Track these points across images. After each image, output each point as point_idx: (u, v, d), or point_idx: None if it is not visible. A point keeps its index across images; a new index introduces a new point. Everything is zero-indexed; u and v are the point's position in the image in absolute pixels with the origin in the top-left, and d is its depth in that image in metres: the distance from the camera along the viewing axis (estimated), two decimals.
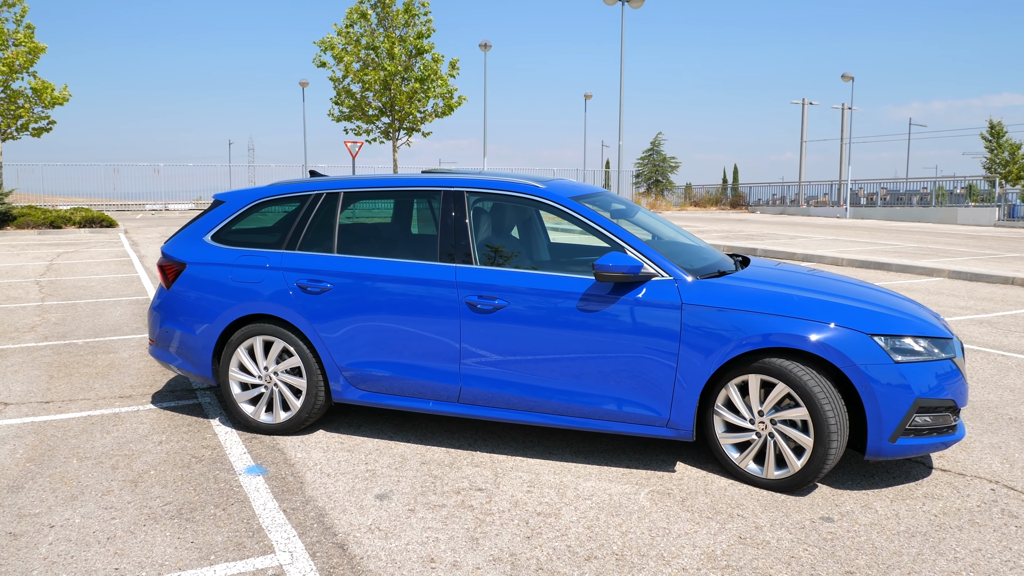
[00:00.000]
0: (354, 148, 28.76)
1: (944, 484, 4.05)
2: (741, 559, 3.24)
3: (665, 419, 4.03)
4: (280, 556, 3.26)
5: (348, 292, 4.48)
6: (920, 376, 3.79)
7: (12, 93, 24.59)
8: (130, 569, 3.15)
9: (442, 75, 28.29)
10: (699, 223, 29.27)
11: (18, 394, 5.62)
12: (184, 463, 4.30)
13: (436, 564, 3.19)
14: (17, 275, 12.35)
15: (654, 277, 4.06)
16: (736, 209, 44.74)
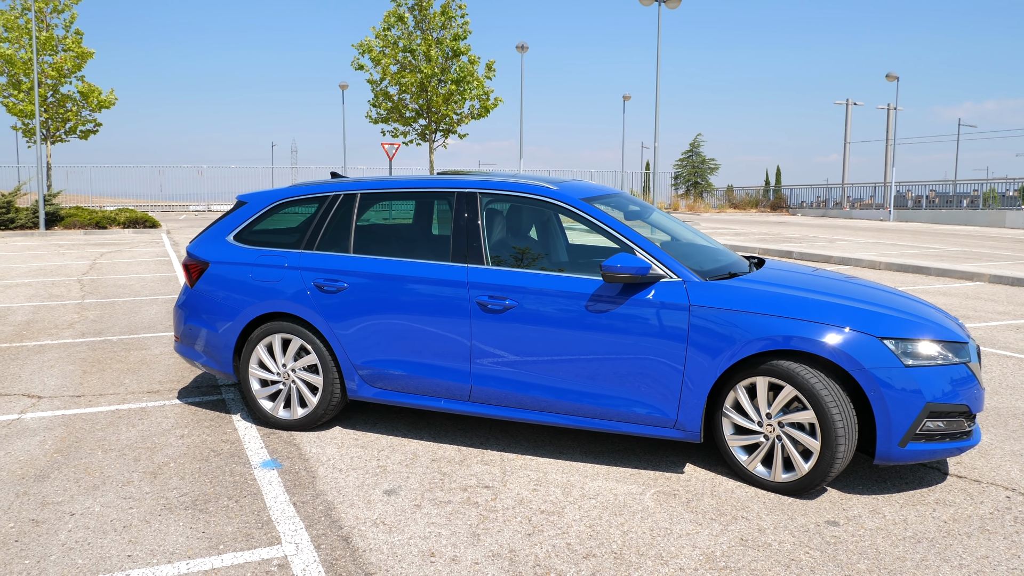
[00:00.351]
0: (391, 150, 29.07)
1: (958, 490, 3.99)
2: (740, 561, 3.23)
3: (673, 420, 4.03)
4: (286, 547, 3.34)
5: (363, 291, 4.57)
6: (932, 380, 3.74)
7: (61, 97, 25.35)
8: (142, 556, 3.26)
9: (478, 77, 28.44)
10: (737, 225, 28.96)
11: (52, 388, 5.82)
12: (203, 456, 4.42)
13: (436, 558, 3.25)
14: (61, 274, 12.75)
15: (663, 278, 4.07)
16: (777, 211, 44.16)
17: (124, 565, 3.19)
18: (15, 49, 24.45)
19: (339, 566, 3.19)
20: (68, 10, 25.15)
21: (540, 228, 4.84)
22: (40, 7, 24.77)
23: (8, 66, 24.40)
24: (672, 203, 46.90)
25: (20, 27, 24.39)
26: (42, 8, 24.87)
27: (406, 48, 27.84)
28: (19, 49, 24.44)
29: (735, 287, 4.04)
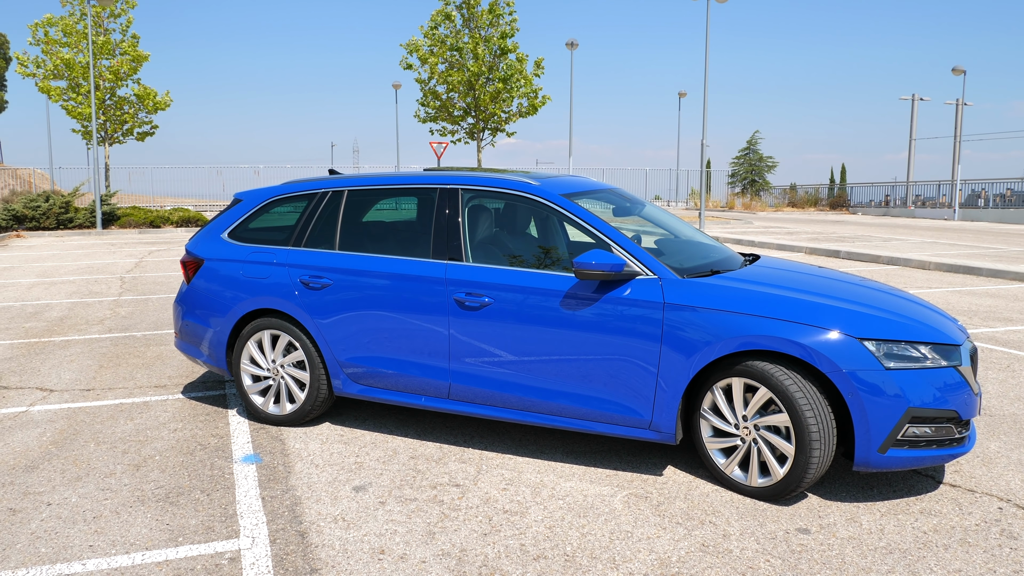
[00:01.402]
0: (439, 149, 29.27)
1: (947, 500, 3.80)
2: (695, 567, 3.13)
3: (647, 421, 3.94)
4: (243, 541, 3.37)
5: (346, 288, 4.59)
6: (915, 384, 3.56)
7: (118, 100, 26.25)
8: (102, 547, 3.33)
9: (527, 75, 28.41)
10: (791, 224, 28.27)
11: (66, 381, 6.01)
12: (189, 450, 4.50)
13: (385, 555, 3.23)
14: (106, 271, 13.18)
15: (639, 276, 3.98)
16: (836, 210, 42.96)
17: (83, 555, 3.26)
18: (74, 54, 25.44)
19: (288, 561, 3.20)
20: (124, 14, 26.05)
21: (522, 225, 4.78)
22: (97, 12, 25.71)
23: (68, 70, 25.40)
24: (728, 201, 46.06)
25: (78, 32, 25.36)
26: (99, 13, 25.80)
27: (453, 47, 27.99)
28: (78, 54, 25.42)
29: (712, 285, 3.92)
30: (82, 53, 25.27)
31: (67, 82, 25.78)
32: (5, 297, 10.34)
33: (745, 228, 24.72)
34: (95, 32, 25.67)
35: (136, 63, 26.14)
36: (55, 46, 25.46)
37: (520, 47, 28.16)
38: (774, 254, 16.44)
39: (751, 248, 18.07)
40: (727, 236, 20.02)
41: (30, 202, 21.85)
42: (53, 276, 12.58)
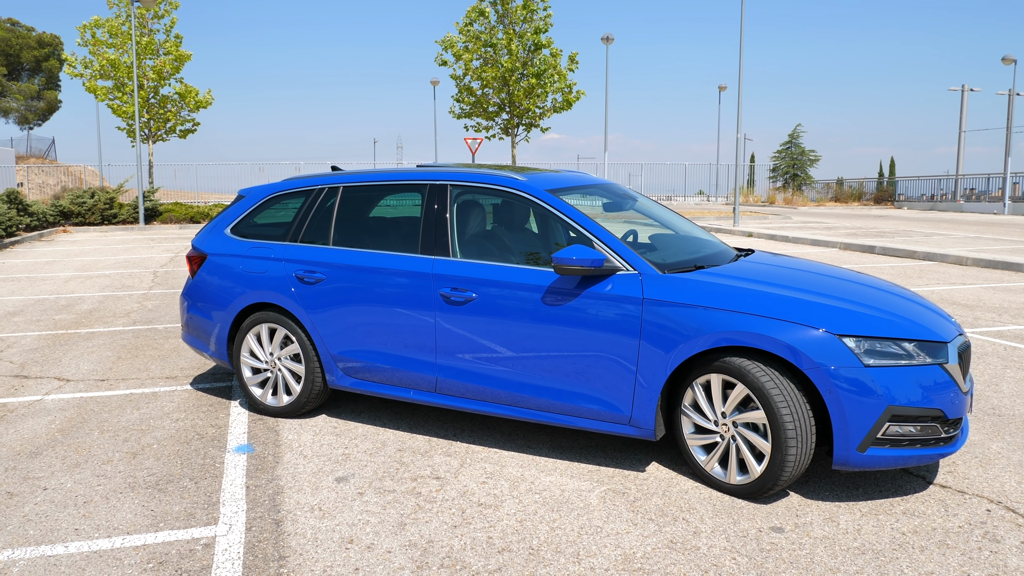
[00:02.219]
0: (474, 145, 29.35)
1: (934, 500, 3.72)
2: (658, 563, 3.12)
3: (627, 417, 3.93)
4: (220, 528, 3.46)
5: (338, 283, 4.65)
6: (896, 382, 3.49)
7: (161, 98, 26.88)
8: (86, 530, 3.45)
9: (561, 70, 28.33)
10: (832, 219, 27.73)
11: (82, 372, 6.21)
12: (186, 439, 4.62)
13: (353, 545, 3.28)
14: (141, 266, 13.54)
15: (619, 271, 3.96)
16: (881, 204, 42.00)
17: (67, 538, 3.38)
18: (119, 54, 26.14)
19: (259, 548, 3.27)
20: (168, 15, 26.67)
21: (510, 220, 4.79)
22: (142, 13, 26.37)
23: (113, 70, 26.10)
24: (769, 196, 45.35)
25: (124, 33, 26.04)
26: (144, 15, 26.46)
27: (487, 42, 28.03)
28: (123, 54, 26.11)
29: (692, 281, 3.88)
30: (127, 53, 25.93)
31: (113, 82, 26.51)
32: (42, 290, 10.69)
33: (782, 223, 24.32)
34: (140, 33, 26.32)
35: (179, 62, 26.76)
36: (101, 47, 26.18)
37: (554, 42, 28.09)
38: (808, 250, 16.16)
39: (783, 244, 17.79)
40: (760, 231, 19.73)
41: (76, 198, 22.52)
42: (90, 270, 12.96)
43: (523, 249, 4.49)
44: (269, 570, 3.09)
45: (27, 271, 12.89)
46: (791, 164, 45.55)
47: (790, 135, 46.13)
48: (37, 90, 45.29)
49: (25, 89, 44.45)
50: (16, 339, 7.47)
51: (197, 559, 3.19)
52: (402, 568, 3.10)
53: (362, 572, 3.07)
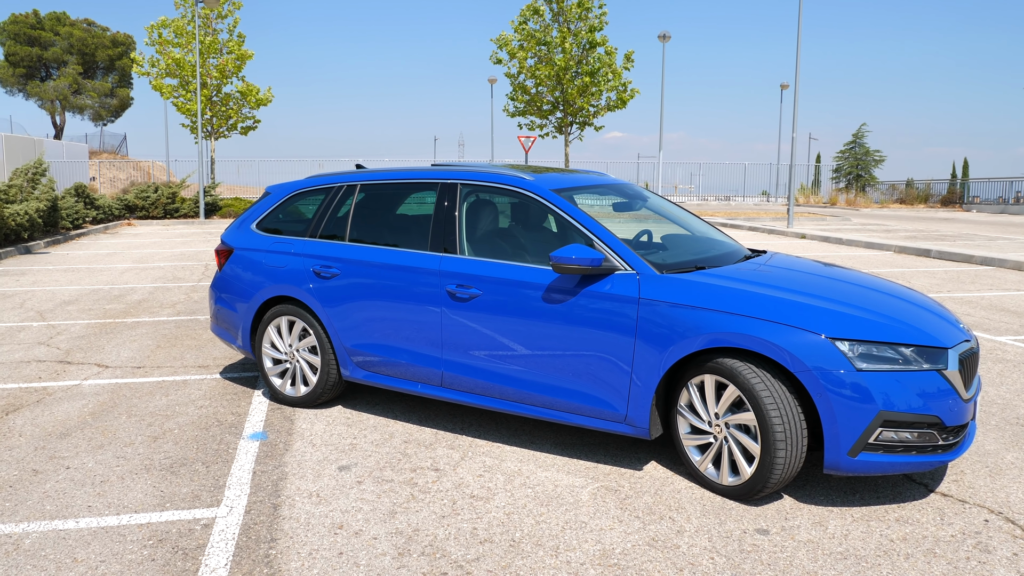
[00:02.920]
0: (527, 143, 29.45)
1: (932, 508, 3.65)
2: (634, 560, 3.16)
3: (623, 415, 3.96)
4: (221, 510, 3.62)
5: (352, 278, 4.80)
6: (890, 387, 3.45)
7: (224, 96, 27.71)
8: (99, 508, 3.65)
9: (616, 68, 28.20)
10: (892, 222, 26.95)
11: (122, 359, 6.51)
12: (206, 425, 4.83)
13: (342, 531, 3.41)
14: (195, 259, 14.02)
15: (617, 270, 4.00)
16: (949, 207, 40.59)
17: (79, 513, 3.59)
18: (184, 53, 27.05)
19: (254, 530, 3.42)
20: (231, 15, 27.50)
21: (516, 219, 4.85)
22: (206, 13, 27.23)
23: (178, 69, 27.03)
24: (831, 198, 44.26)
25: (189, 33, 26.93)
26: (208, 15, 27.32)
27: (541, 41, 28.08)
28: (187, 53, 27.01)
29: (689, 281, 3.89)
30: (191, 52, 26.82)
31: (178, 80, 27.46)
32: (99, 281, 11.19)
33: (840, 225, 23.76)
34: (204, 32, 27.19)
35: (240, 61, 27.56)
36: (167, 46, 27.14)
37: (609, 40, 27.96)
38: (860, 253, 15.78)
39: (836, 246, 17.40)
40: (814, 233, 19.34)
41: (140, 192, 23.39)
42: (147, 262, 13.49)
43: (528, 248, 4.55)
44: (259, 551, 3.24)
45: (88, 262, 13.49)
46: (854, 164, 44.34)
47: (854, 135, 44.93)
48: (110, 88, 47.10)
49: (99, 87, 46.29)
50: (67, 327, 7.85)
51: (194, 538, 3.35)
52: (384, 554, 3.20)
53: (345, 556, 3.19)
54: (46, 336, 7.41)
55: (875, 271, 12.55)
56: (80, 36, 45.80)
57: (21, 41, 44.94)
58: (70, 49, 45.59)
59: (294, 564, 3.13)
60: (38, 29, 45.32)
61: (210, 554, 3.21)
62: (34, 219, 15.49)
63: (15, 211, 14.73)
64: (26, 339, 7.28)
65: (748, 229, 22.31)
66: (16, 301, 9.41)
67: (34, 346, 6.98)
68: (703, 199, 44.22)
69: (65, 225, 18.21)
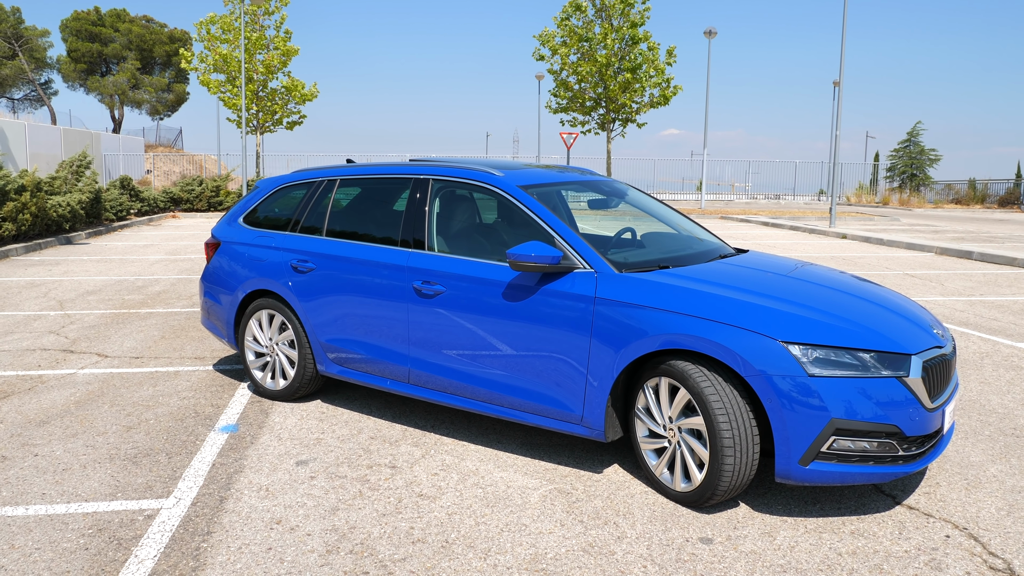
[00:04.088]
0: (569, 140, 29.28)
1: (893, 522, 3.49)
2: (564, 565, 3.09)
3: (579, 416, 3.88)
4: (168, 501, 3.66)
5: (326, 272, 4.80)
6: (844, 394, 3.30)
7: (270, 92, 28.18)
8: (52, 495, 3.72)
9: (659, 64, 27.84)
10: (943, 223, 26.05)
11: (123, 349, 6.64)
12: (182, 416, 4.89)
13: (278, 526, 3.40)
14: None
15: (576, 269, 3.91)
16: (1007, 208, 39.03)
17: (32, 501, 3.66)
18: (231, 49, 27.57)
19: (193, 523, 3.44)
20: (278, 12, 27.93)
21: (485, 215, 4.79)
22: (254, 10, 27.71)
23: (225, 65, 27.57)
24: (883, 197, 43.02)
25: (236, 29, 27.43)
26: (255, 11, 27.80)
27: (583, 37, 27.88)
28: (235, 49, 27.52)
29: (646, 281, 3.79)
30: (239, 48, 27.33)
31: (225, 75, 28.01)
32: (127, 271, 11.47)
33: (887, 226, 23.06)
34: (251, 29, 27.69)
35: (286, 57, 27.99)
36: (215, 42, 27.71)
37: (652, 36, 27.62)
38: (900, 253, 15.28)
39: (876, 247, 16.89)
40: (855, 233, 18.80)
41: (186, 185, 23.95)
42: (179, 254, 13.79)
43: (493, 244, 4.48)
44: (192, 544, 3.25)
45: (122, 253, 13.85)
46: (908, 163, 42.95)
47: (909, 133, 43.48)
48: (167, 83, 48.34)
49: (156, 82, 47.54)
50: (81, 316, 8.06)
51: (134, 528, 3.39)
52: (312, 551, 3.19)
53: (273, 552, 3.18)
54: (58, 325, 7.61)
55: (909, 272, 12.15)
56: (139, 32, 47.08)
57: (83, 37, 46.41)
58: (129, 45, 46.90)
59: (220, 558, 3.13)
60: (99, 26, 46.74)
61: (144, 545, 3.24)
62: (76, 211, 15.96)
63: (57, 202, 15.20)
64: (39, 328, 7.49)
65: (789, 228, 21.81)
66: (42, 290, 9.70)
67: (44, 335, 7.18)
68: (752, 198, 43.41)
69: (109, 217, 18.73)
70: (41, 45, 46.12)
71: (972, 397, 5.44)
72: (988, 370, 6.18)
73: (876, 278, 11.47)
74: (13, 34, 44.62)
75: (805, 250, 15.59)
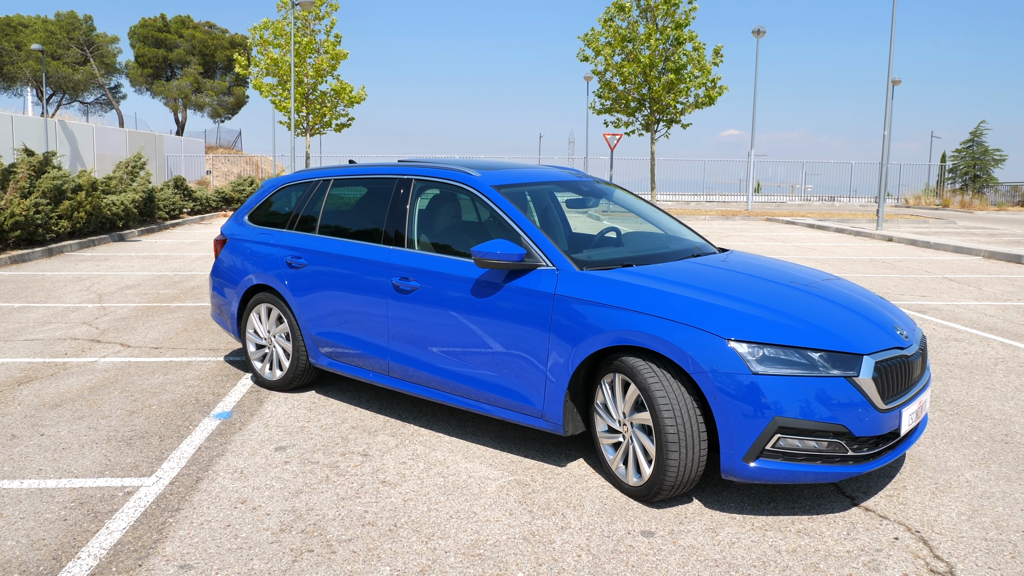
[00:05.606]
0: (612, 140, 29.21)
1: (844, 522, 3.50)
2: (499, 552, 3.20)
3: (540, 410, 3.98)
4: (149, 480, 3.89)
5: (317, 268, 5.00)
6: (788, 392, 3.33)
7: (319, 95, 28.85)
8: (47, 471, 3.99)
9: (705, 64, 27.57)
10: (1002, 225, 25.15)
11: (146, 340, 6.98)
12: (182, 403, 5.15)
13: (243, 506, 3.60)
14: None
15: (539, 266, 4.02)
16: None
17: (28, 475, 3.94)
18: (283, 53, 28.33)
19: (166, 500, 3.66)
20: (328, 17, 28.59)
21: (463, 214, 4.90)
22: (305, 15, 28.42)
23: (276, 68, 28.34)
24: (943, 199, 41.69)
25: (288, 34, 28.17)
26: (306, 17, 28.51)
27: (627, 37, 27.78)
28: (286, 53, 28.27)
29: (603, 278, 3.87)
30: (289, 53, 28.09)
31: (276, 79, 28.80)
32: (169, 267, 11.95)
33: (940, 228, 22.41)
34: (302, 33, 28.41)
35: (335, 61, 28.63)
36: (267, 47, 28.50)
37: (698, 36, 27.37)
38: (946, 257, 14.87)
39: (922, 249, 16.45)
40: (902, 236, 18.33)
41: (237, 185, 24.69)
42: None
43: (467, 242, 4.61)
44: (160, 519, 3.47)
45: (168, 250, 14.41)
46: (971, 164, 41.49)
47: (972, 133, 41.98)
48: (227, 86, 49.82)
49: (217, 86, 49.05)
50: (115, 309, 8.47)
51: (112, 503, 3.62)
52: (266, 529, 3.37)
53: (230, 528, 3.38)
54: (92, 317, 8.02)
55: (948, 276, 11.84)
56: (201, 38, 48.64)
57: (149, 43, 48.17)
58: (192, 50, 48.50)
59: (181, 532, 3.34)
60: (164, 32, 48.45)
61: (116, 519, 3.47)
62: (129, 209, 16.65)
63: (111, 201, 15.88)
64: (75, 319, 7.90)
65: (834, 231, 21.38)
66: (86, 284, 10.20)
67: (77, 325, 7.58)
68: (805, 199, 42.56)
69: (162, 215, 19.47)
70: (111, 51, 48.06)
71: (972, 402, 5.35)
72: (998, 376, 6.05)
73: (911, 281, 11.23)
74: (85, 41, 46.60)
75: (844, 252, 15.30)
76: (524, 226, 4.18)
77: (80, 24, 46.65)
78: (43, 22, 46.45)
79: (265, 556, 3.15)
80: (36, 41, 42.24)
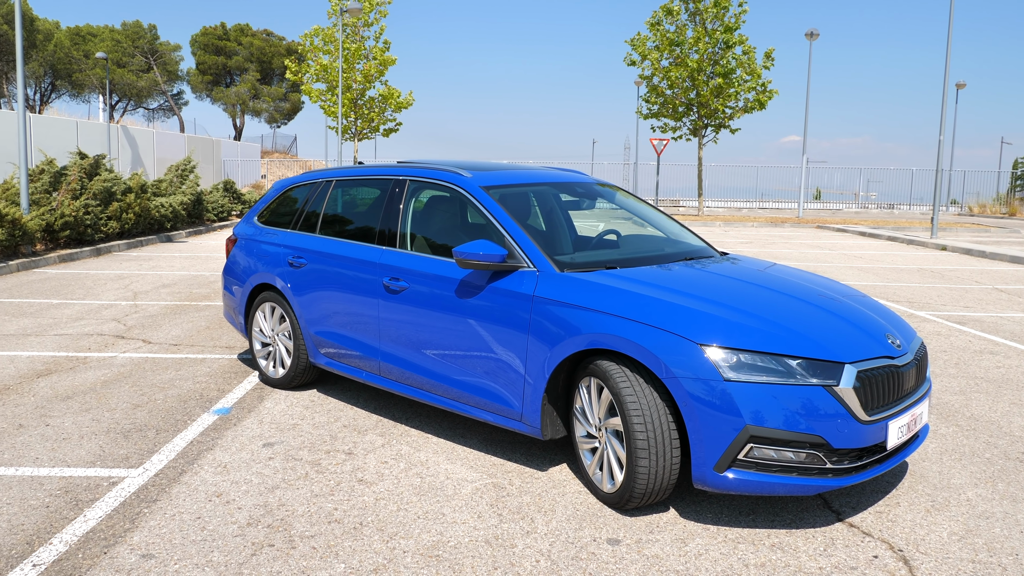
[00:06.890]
0: (659, 145, 28.93)
1: (822, 537, 3.38)
2: (458, 554, 3.17)
3: (519, 413, 3.95)
4: (136, 471, 3.98)
5: (316, 268, 5.06)
6: (761, 401, 3.23)
7: (368, 100, 29.27)
8: (43, 460, 4.12)
9: (756, 68, 27.10)
10: None
11: (168, 337, 7.16)
12: (186, 398, 5.25)
13: (217, 499, 3.65)
14: None
15: (521, 267, 3.99)
16: None
17: (24, 463, 4.06)
18: (332, 59, 28.83)
19: (146, 491, 3.73)
20: (377, 23, 29.03)
21: (451, 215, 4.88)
22: (354, 22, 28.89)
23: (325, 74, 28.85)
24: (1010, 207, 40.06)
25: (337, 41, 28.68)
26: (356, 23, 28.98)
27: (674, 41, 27.49)
28: (335, 60, 28.76)
29: (582, 281, 3.81)
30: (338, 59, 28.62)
31: (325, 85, 29.34)
32: (206, 267, 12.25)
33: (1000, 238, 21.59)
34: (351, 40, 28.89)
35: (384, 66, 29.03)
36: (317, 53, 29.06)
37: (748, 39, 26.92)
38: (1000, 267, 14.30)
39: (977, 259, 15.85)
40: (957, 245, 17.70)
41: None
42: None
43: (456, 243, 4.59)
44: (135, 510, 3.54)
45: (211, 251, 14.77)
46: None
47: None
48: (283, 93, 50.90)
49: (273, 92, 50.16)
50: (146, 307, 8.71)
51: (95, 493, 3.71)
52: (234, 522, 3.41)
53: (200, 520, 3.43)
54: (123, 314, 8.26)
55: (998, 287, 11.39)
56: (259, 45, 49.83)
57: (209, 51, 49.55)
58: (250, 58, 49.72)
59: (152, 523, 3.40)
60: (224, 40, 49.78)
61: (95, 507, 3.55)
62: (177, 211, 17.12)
63: (159, 203, 16.37)
64: (107, 315, 8.15)
65: (886, 239, 20.77)
66: (125, 283, 10.52)
67: (107, 321, 7.82)
68: (863, 207, 41.44)
69: (210, 217, 19.98)
70: (174, 59, 49.58)
71: (993, 417, 5.12)
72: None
73: (957, 291, 10.84)
74: (149, 49, 48.19)
75: (892, 261, 14.84)
76: (508, 227, 4.15)
77: (145, 33, 48.25)
78: (110, 31, 48.20)
79: (226, 549, 3.19)
80: (103, 50, 43.86)
